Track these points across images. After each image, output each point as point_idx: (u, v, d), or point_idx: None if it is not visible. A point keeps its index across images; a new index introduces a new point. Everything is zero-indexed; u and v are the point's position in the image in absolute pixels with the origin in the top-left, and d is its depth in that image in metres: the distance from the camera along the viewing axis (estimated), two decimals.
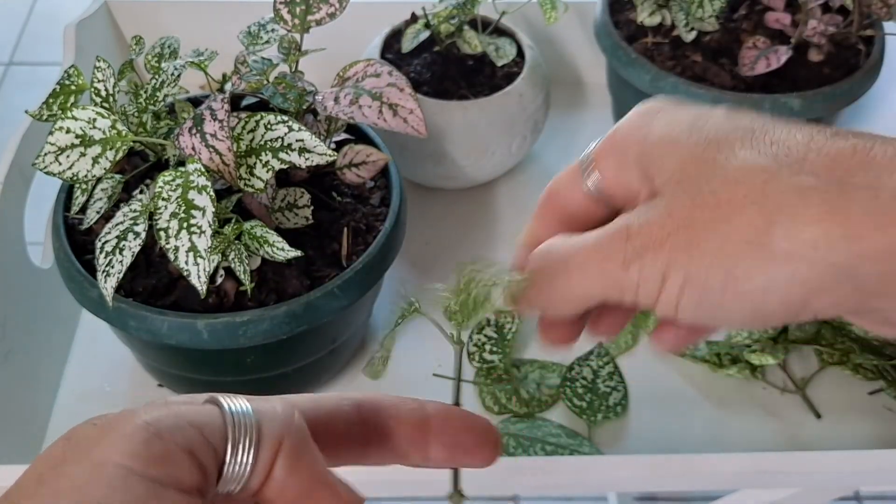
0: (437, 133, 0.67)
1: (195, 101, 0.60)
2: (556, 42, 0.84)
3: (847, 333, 0.64)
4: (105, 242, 0.48)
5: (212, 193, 0.45)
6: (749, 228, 0.25)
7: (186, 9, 0.80)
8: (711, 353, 0.64)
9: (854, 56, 0.70)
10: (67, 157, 0.48)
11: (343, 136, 0.61)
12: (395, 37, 0.73)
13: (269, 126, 0.49)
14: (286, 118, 0.49)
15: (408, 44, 0.69)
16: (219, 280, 0.51)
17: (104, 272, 0.48)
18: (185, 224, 0.45)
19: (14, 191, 0.59)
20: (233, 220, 0.50)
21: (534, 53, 0.72)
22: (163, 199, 0.45)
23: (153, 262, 0.54)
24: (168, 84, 0.53)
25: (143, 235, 0.48)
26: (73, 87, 0.53)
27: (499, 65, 0.69)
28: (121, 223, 0.48)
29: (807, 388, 0.63)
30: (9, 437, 0.56)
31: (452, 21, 0.69)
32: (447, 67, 0.71)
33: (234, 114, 0.49)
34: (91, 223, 0.52)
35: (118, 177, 0.53)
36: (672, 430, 0.61)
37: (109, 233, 0.48)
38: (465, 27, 0.70)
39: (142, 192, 0.51)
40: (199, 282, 0.45)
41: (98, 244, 0.48)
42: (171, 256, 0.45)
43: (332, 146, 0.57)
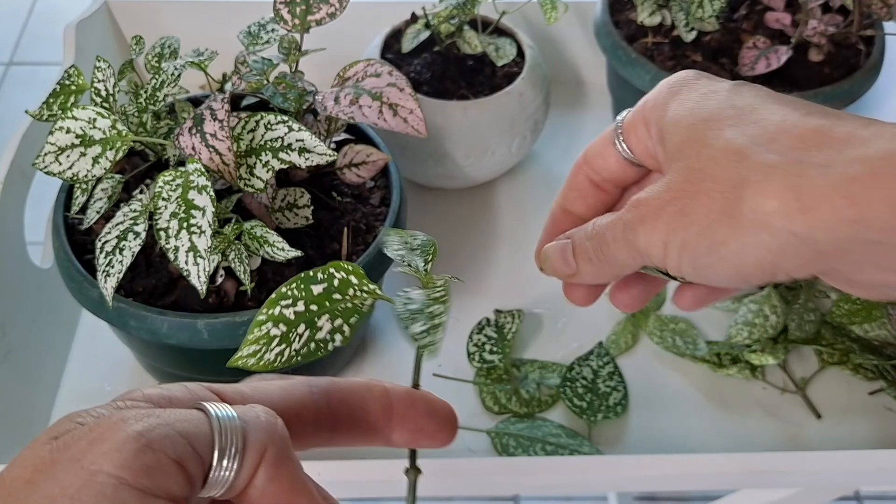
0: (437, 133, 0.67)
1: (195, 101, 0.60)
2: (556, 42, 0.84)
3: (847, 333, 0.64)
4: (105, 242, 0.48)
5: (212, 193, 0.45)
6: (724, 201, 0.29)
7: (186, 9, 0.80)
8: (711, 353, 0.64)
9: (854, 56, 0.70)
10: (67, 157, 0.48)
11: (343, 136, 0.61)
12: (395, 37, 0.73)
13: (269, 126, 0.49)
14: (286, 118, 0.49)
15: (408, 44, 0.69)
16: (219, 280, 0.51)
17: (104, 272, 0.48)
18: (185, 224, 0.45)
19: (14, 191, 0.59)
20: (233, 220, 0.51)
21: (534, 53, 0.72)
22: (163, 199, 0.45)
23: (153, 262, 0.54)
24: (168, 84, 0.53)
25: (143, 235, 0.48)
26: (73, 87, 0.53)
27: (499, 65, 0.69)
28: (121, 223, 0.48)
29: (807, 388, 0.63)
30: (9, 437, 0.56)
31: (452, 21, 0.69)
32: (447, 67, 0.71)
33: (234, 114, 0.49)
34: (91, 223, 0.52)
35: (118, 177, 0.53)
36: (672, 430, 0.61)
37: (109, 233, 0.48)
38: (465, 27, 0.70)
39: (142, 192, 0.51)
40: (199, 282, 0.45)
41: (98, 244, 0.48)
42: (171, 256, 0.45)
43: (332, 146, 0.57)
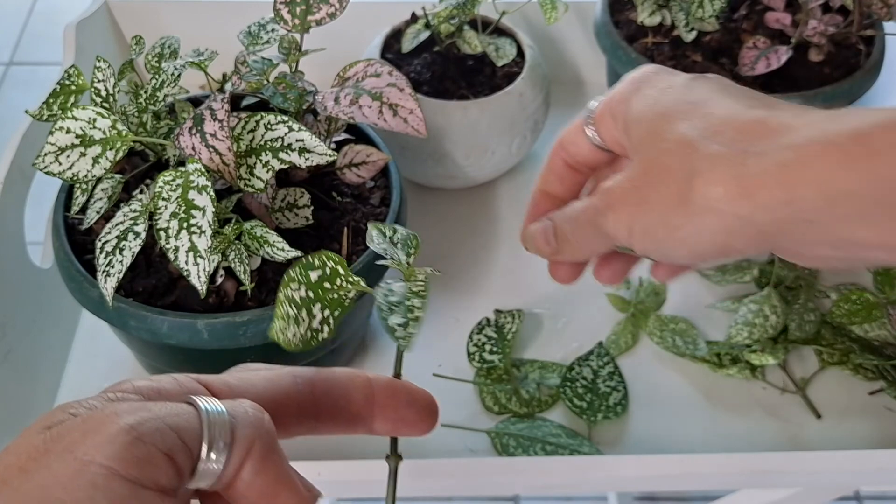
0: (437, 133, 0.67)
1: (195, 101, 0.60)
2: (556, 42, 0.84)
3: (847, 333, 0.64)
4: (105, 242, 0.48)
5: (212, 193, 0.45)
6: (678, 190, 0.32)
7: (186, 9, 0.80)
8: (711, 353, 0.64)
9: (854, 56, 0.70)
10: (67, 157, 0.48)
11: (343, 136, 0.61)
12: (395, 37, 0.73)
13: (269, 126, 0.49)
14: (286, 118, 0.49)
15: (408, 44, 0.69)
16: (219, 280, 0.51)
17: (104, 272, 0.48)
18: (185, 224, 0.45)
19: (14, 191, 0.59)
20: (233, 220, 0.51)
21: (534, 53, 0.72)
22: (163, 199, 0.45)
23: (153, 262, 0.54)
24: (168, 84, 0.53)
25: (143, 235, 0.48)
26: (73, 87, 0.53)
27: (499, 65, 0.69)
28: (121, 223, 0.48)
29: (807, 388, 0.63)
30: (9, 437, 0.56)
31: (452, 21, 0.69)
32: (447, 67, 0.71)
33: (234, 114, 0.49)
34: (91, 223, 0.52)
35: (118, 177, 0.53)
36: (672, 430, 0.61)
37: (109, 233, 0.48)
38: (465, 27, 0.70)
39: (142, 192, 0.51)
40: (199, 282, 0.45)
41: (98, 244, 0.48)
42: (171, 256, 0.45)
43: (333, 146, 0.57)
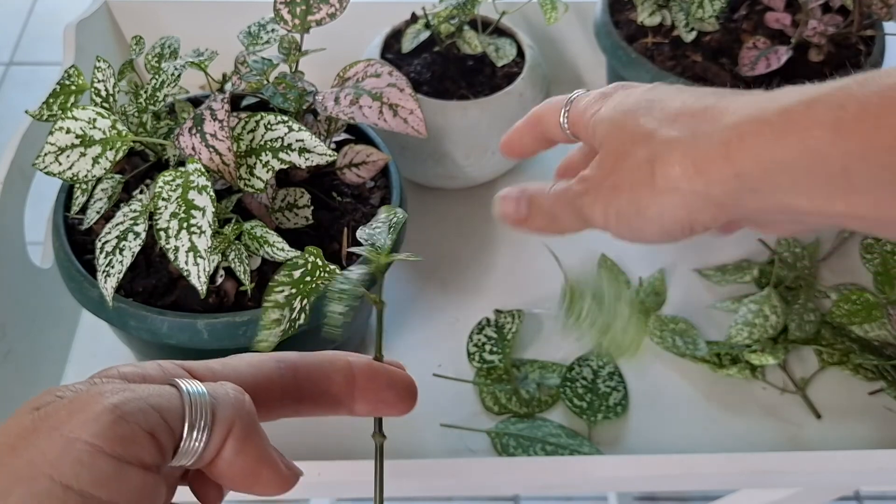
0: (437, 133, 0.67)
1: (195, 101, 0.60)
2: (556, 42, 0.84)
3: (847, 333, 0.64)
4: (105, 242, 0.48)
5: (212, 193, 0.45)
6: (642, 174, 0.35)
7: (186, 9, 0.80)
8: (711, 354, 0.64)
9: (854, 56, 0.70)
10: (67, 157, 0.48)
11: (343, 136, 0.61)
12: (395, 37, 0.73)
13: (269, 126, 0.49)
14: (286, 118, 0.49)
15: (408, 44, 0.69)
16: (219, 280, 0.51)
17: (104, 272, 0.48)
18: (185, 224, 0.45)
19: (14, 191, 0.59)
20: (233, 220, 0.51)
21: (534, 53, 0.72)
22: (163, 199, 0.45)
23: (153, 262, 0.54)
24: (168, 84, 0.53)
25: (143, 235, 0.48)
26: (73, 87, 0.53)
27: (499, 65, 0.69)
28: (121, 223, 0.48)
29: (807, 388, 0.63)
30: None
31: (452, 21, 0.69)
32: (447, 67, 0.71)
33: (234, 114, 0.49)
34: (91, 223, 0.52)
35: (118, 177, 0.53)
36: (672, 430, 0.61)
37: (109, 233, 0.48)
38: (465, 27, 0.70)
39: (142, 192, 0.51)
40: (199, 282, 0.45)
41: (98, 244, 0.48)
42: (171, 256, 0.45)
43: (332, 146, 0.57)
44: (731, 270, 0.69)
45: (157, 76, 0.54)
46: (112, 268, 0.48)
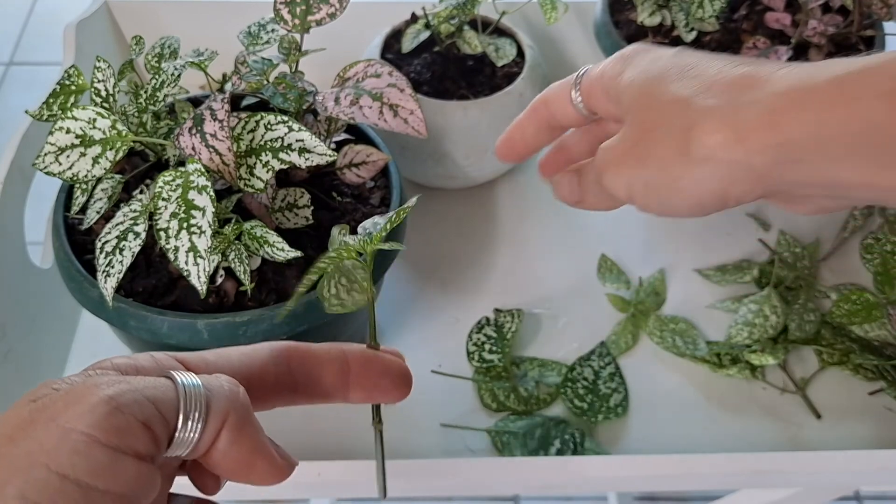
0: (437, 133, 0.67)
1: (195, 101, 0.60)
2: (556, 42, 0.84)
3: (847, 333, 0.64)
4: (105, 242, 0.48)
5: (212, 193, 0.45)
6: (676, 143, 0.34)
7: (186, 9, 0.80)
8: (711, 354, 0.64)
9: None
10: (67, 157, 0.48)
11: (343, 136, 0.61)
12: (395, 37, 0.73)
13: (269, 126, 0.49)
14: (286, 118, 0.49)
15: (408, 44, 0.69)
16: (219, 280, 0.51)
17: (104, 272, 0.48)
18: (185, 224, 0.45)
19: (14, 191, 0.59)
20: (233, 220, 0.51)
21: (534, 53, 0.72)
22: (163, 200, 0.45)
23: (153, 262, 0.54)
24: (168, 84, 0.53)
25: (143, 235, 0.48)
26: (73, 87, 0.53)
27: (499, 65, 0.69)
28: (121, 223, 0.48)
29: (807, 389, 0.63)
30: None
31: (452, 21, 0.69)
32: (447, 67, 0.71)
33: (234, 114, 0.49)
34: (91, 223, 0.52)
35: (118, 177, 0.53)
36: (672, 431, 0.61)
37: (109, 233, 0.48)
38: (465, 27, 0.70)
39: (142, 192, 0.51)
40: (199, 282, 0.45)
41: (98, 244, 0.48)
42: (171, 256, 0.45)
43: (333, 146, 0.57)
44: (731, 270, 0.69)
45: (157, 76, 0.54)
46: (112, 268, 0.48)
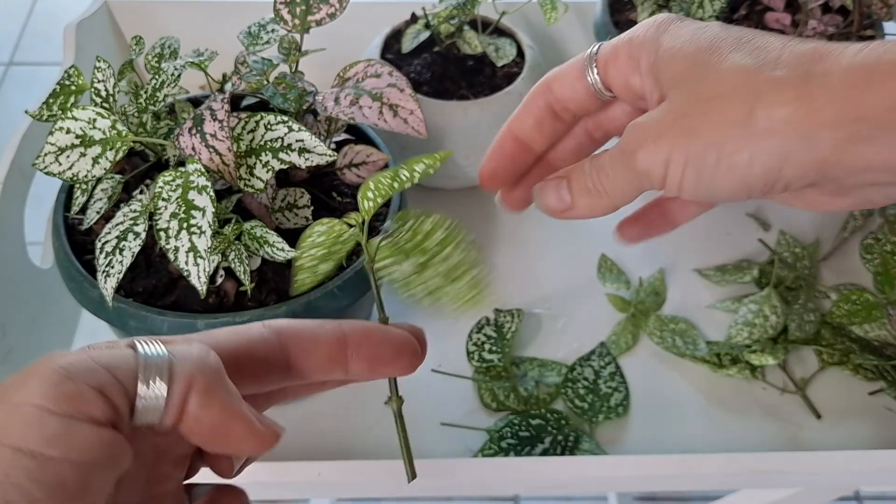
0: (437, 133, 0.67)
1: (195, 101, 0.60)
2: (556, 42, 0.84)
3: (847, 333, 0.64)
4: (105, 243, 0.48)
5: (212, 193, 0.45)
6: (736, 114, 0.31)
7: (186, 9, 0.80)
8: (711, 354, 0.64)
9: None
10: (67, 158, 0.48)
11: (343, 137, 0.61)
12: (395, 37, 0.73)
13: (269, 126, 0.49)
14: (286, 118, 0.49)
15: (408, 44, 0.69)
16: (219, 280, 0.51)
17: (104, 272, 0.48)
18: (185, 224, 0.45)
19: (14, 191, 0.59)
20: (233, 221, 0.51)
21: (534, 53, 0.72)
22: (163, 200, 0.45)
23: (153, 263, 0.54)
24: (168, 84, 0.53)
25: (143, 236, 0.48)
26: (73, 87, 0.53)
27: (499, 65, 0.69)
28: (121, 223, 0.48)
29: (807, 389, 0.63)
30: None
31: (452, 21, 0.69)
32: (447, 67, 0.71)
33: (234, 114, 0.49)
34: (91, 223, 0.52)
35: (118, 177, 0.53)
36: (672, 431, 0.61)
37: (109, 233, 0.48)
38: (465, 27, 0.70)
39: (142, 193, 0.51)
40: (199, 282, 0.45)
41: (98, 244, 0.48)
42: (171, 257, 0.45)
43: (332, 146, 0.57)
44: (731, 270, 0.69)
45: (157, 76, 0.54)
46: (112, 268, 0.48)
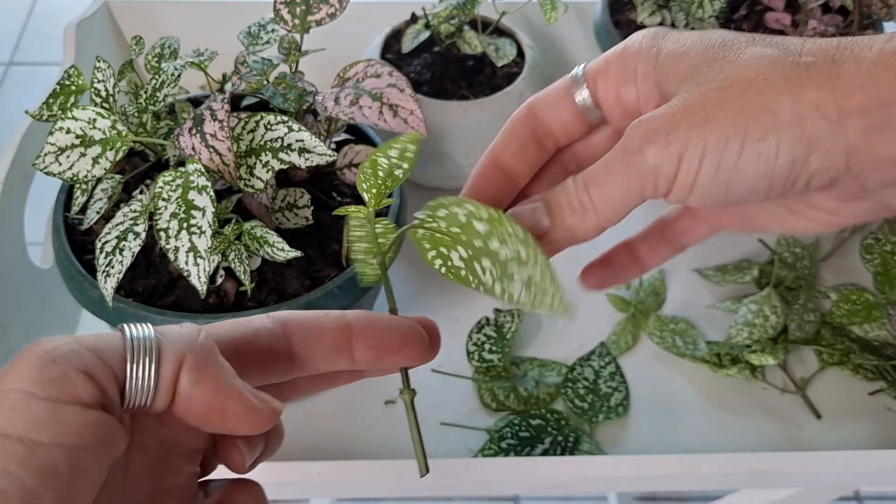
0: (437, 133, 0.67)
1: (195, 101, 0.60)
2: (556, 42, 0.84)
3: (847, 334, 0.64)
4: (105, 243, 0.48)
5: (212, 193, 0.45)
6: (761, 99, 0.30)
7: (186, 9, 0.80)
8: (711, 354, 0.64)
9: None
10: (67, 158, 0.48)
11: (343, 137, 0.61)
12: (395, 37, 0.73)
13: (269, 126, 0.49)
14: (286, 118, 0.49)
15: (408, 44, 0.69)
16: (219, 280, 0.51)
17: (104, 272, 0.48)
18: (185, 224, 0.45)
19: (14, 191, 0.59)
20: (233, 221, 0.51)
21: (534, 53, 0.72)
22: (163, 200, 0.45)
23: (153, 263, 0.54)
24: (168, 84, 0.53)
25: (143, 236, 0.48)
26: (73, 87, 0.53)
27: (499, 65, 0.69)
28: (121, 223, 0.48)
29: (807, 389, 0.63)
30: None
31: (452, 21, 0.69)
32: (447, 67, 0.71)
33: (234, 114, 0.49)
34: (91, 223, 0.52)
35: (118, 177, 0.53)
36: (672, 431, 0.61)
37: (109, 233, 0.48)
38: (465, 27, 0.70)
39: (142, 193, 0.51)
40: (199, 282, 0.45)
41: (98, 244, 0.48)
42: (171, 257, 0.45)
43: (332, 146, 0.57)
44: (731, 270, 0.69)
45: (157, 76, 0.54)
46: (112, 268, 0.48)
